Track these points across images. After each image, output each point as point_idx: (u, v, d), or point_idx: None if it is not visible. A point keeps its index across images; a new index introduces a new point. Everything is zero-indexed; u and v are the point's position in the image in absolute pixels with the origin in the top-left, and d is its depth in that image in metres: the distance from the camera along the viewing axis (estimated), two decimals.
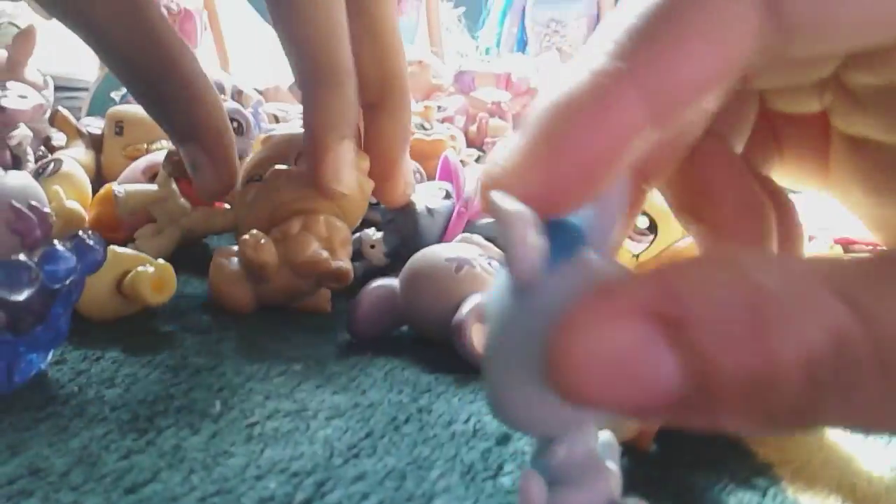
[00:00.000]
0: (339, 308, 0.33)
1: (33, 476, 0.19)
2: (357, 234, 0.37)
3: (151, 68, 0.28)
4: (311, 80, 0.29)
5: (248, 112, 0.42)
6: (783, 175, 0.21)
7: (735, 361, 0.11)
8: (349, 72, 0.29)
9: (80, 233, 0.25)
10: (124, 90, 0.60)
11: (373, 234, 0.37)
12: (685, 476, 0.21)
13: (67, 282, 0.23)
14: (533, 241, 0.13)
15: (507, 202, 0.13)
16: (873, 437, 0.23)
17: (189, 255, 0.38)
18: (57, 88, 0.57)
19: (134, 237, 0.39)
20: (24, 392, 0.23)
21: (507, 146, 0.14)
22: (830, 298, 0.11)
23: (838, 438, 0.23)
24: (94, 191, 0.43)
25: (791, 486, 0.20)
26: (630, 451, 0.22)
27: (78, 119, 0.51)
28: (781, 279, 0.11)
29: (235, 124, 0.42)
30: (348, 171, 0.30)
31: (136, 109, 0.49)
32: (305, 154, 0.30)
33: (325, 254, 0.31)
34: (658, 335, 0.11)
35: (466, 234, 0.36)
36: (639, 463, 0.22)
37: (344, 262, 0.32)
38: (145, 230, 0.40)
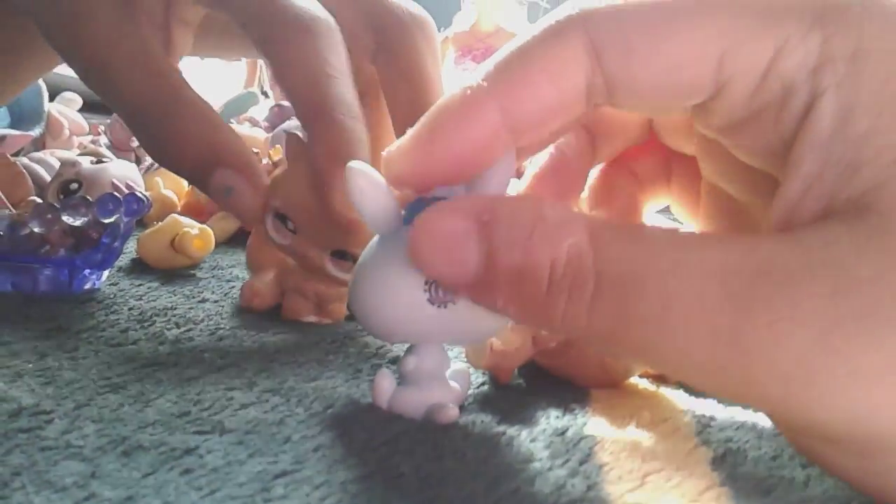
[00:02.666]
0: None
1: (58, 331, 0.28)
2: None
3: (164, 105, 0.27)
4: (305, 120, 0.28)
5: None
6: (673, 203, 0.25)
7: (509, 255, 0.16)
8: (345, 106, 0.28)
9: (136, 191, 0.35)
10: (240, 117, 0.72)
11: None
12: (523, 399, 0.26)
13: (114, 218, 0.32)
14: (382, 199, 0.19)
15: (363, 171, 0.19)
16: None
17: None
18: None
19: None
20: (81, 295, 0.33)
21: (404, 137, 0.19)
22: (580, 230, 0.16)
23: (668, 395, 0.28)
24: None
25: (592, 411, 0.25)
26: (495, 382, 0.28)
27: None
28: (556, 214, 0.16)
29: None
30: None
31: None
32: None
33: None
34: (472, 230, 0.17)
35: None
36: (499, 389, 0.27)
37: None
38: (217, 215, 0.50)
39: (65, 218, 0.32)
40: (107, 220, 0.32)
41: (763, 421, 0.24)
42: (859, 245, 0.14)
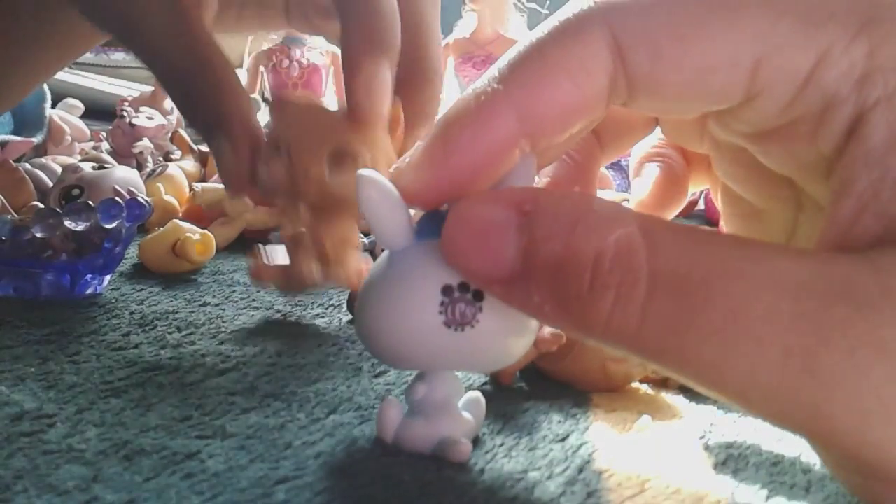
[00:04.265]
0: None
1: (60, 335, 0.28)
2: None
3: (188, 68, 0.28)
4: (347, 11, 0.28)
5: None
6: (713, 188, 0.24)
7: (549, 246, 0.15)
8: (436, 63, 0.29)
9: (138, 196, 0.35)
10: None
11: None
12: (525, 404, 0.26)
13: (116, 223, 0.33)
14: (394, 212, 0.17)
15: (375, 180, 0.17)
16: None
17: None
18: None
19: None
20: (83, 300, 0.33)
21: (413, 150, 0.18)
22: (632, 222, 0.14)
23: (669, 400, 0.28)
24: None
25: (594, 416, 0.25)
26: (497, 383, 0.28)
27: (193, 140, 0.64)
28: (606, 207, 0.15)
29: None
30: (381, 91, 0.27)
31: None
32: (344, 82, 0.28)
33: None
34: (512, 220, 0.15)
35: None
36: (501, 392, 0.27)
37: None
38: (218, 221, 0.50)
39: (67, 223, 0.32)
40: (109, 226, 0.32)
41: (764, 427, 0.24)
42: None
